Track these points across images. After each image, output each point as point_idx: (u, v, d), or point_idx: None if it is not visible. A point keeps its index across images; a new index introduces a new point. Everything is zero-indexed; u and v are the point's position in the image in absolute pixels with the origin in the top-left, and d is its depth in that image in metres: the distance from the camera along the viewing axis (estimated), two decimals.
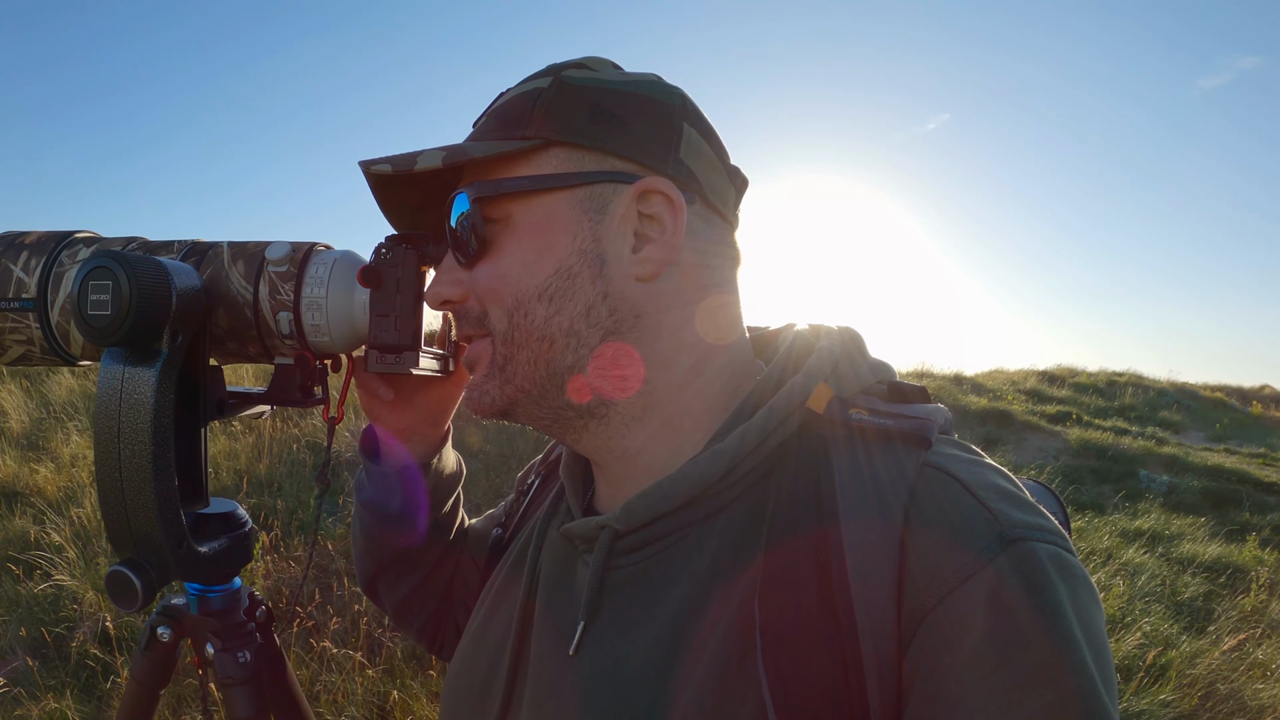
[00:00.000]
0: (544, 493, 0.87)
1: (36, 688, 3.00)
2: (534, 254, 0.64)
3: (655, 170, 0.65)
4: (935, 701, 0.48)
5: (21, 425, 5.70)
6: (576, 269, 0.63)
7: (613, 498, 0.70)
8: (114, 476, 0.70)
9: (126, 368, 0.71)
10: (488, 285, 0.65)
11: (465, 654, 0.77)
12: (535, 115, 0.64)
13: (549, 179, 0.64)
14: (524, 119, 0.65)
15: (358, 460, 5.45)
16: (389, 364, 0.74)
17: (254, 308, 0.77)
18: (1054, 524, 0.53)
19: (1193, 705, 3.59)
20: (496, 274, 0.65)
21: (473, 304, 0.67)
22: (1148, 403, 13.08)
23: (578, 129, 0.64)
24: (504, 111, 0.67)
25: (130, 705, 0.89)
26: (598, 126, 0.64)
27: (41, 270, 0.82)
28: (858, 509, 0.55)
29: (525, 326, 0.64)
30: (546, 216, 0.64)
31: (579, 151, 0.64)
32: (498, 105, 0.68)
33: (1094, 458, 8.79)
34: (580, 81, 0.66)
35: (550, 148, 0.64)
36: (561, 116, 0.64)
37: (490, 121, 0.67)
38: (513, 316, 0.64)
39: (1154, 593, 4.94)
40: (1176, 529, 6.51)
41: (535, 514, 0.84)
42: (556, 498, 0.80)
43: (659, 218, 0.64)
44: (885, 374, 0.69)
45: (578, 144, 0.64)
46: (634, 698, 0.58)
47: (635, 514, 0.63)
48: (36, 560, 3.83)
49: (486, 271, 0.65)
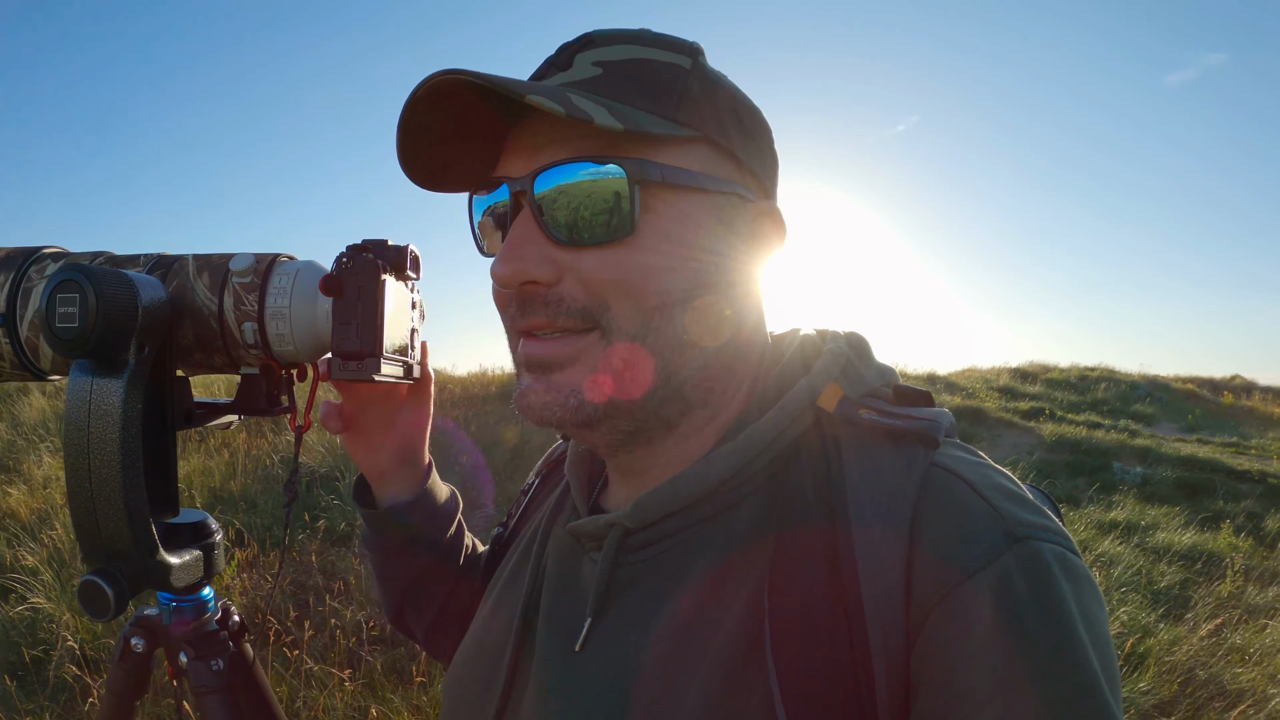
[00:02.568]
0: (544, 491, 0.88)
1: (15, 710, 2.96)
2: (678, 254, 0.60)
3: (766, 192, 0.67)
4: (944, 691, 0.48)
5: None
6: (713, 279, 0.62)
7: (626, 498, 0.69)
8: (84, 487, 0.71)
9: (95, 379, 0.72)
10: (621, 276, 0.59)
11: (468, 651, 0.77)
12: (685, 101, 0.60)
13: (703, 179, 0.61)
14: (672, 98, 0.60)
15: (331, 474, 5.45)
16: (351, 370, 0.75)
17: (219, 318, 0.78)
18: (1058, 525, 0.54)
19: (1172, 692, 3.64)
20: (638, 265, 0.59)
21: (572, 291, 0.60)
22: (1120, 396, 13.26)
23: (727, 133, 0.62)
24: (643, 78, 0.60)
25: (107, 717, 0.89)
26: (740, 135, 0.63)
27: (10, 286, 0.83)
28: (867, 505, 0.55)
29: (666, 332, 0.60)
30: (688, 216, 0.61)
31: (722, 156, 0.63)
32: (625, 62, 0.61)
33: (1068, 452, 8.90)
34: (715, 77, 0.63)
35: (700, 143, 0.62)
36: (713, 113, 0.62)
37: (625, 83, 0.60)
38: (653, 319, 0.60)
39: (1130, 582, 5.00)
40: (1151, 519, 6.61)
41: (536, 512, 0.84)
42: (562, 496, 0.79)
43: (768, 242, 0.66)
44: (890, 378, 0.69)
45: (725, 148, 0.63)
46: (641, 692, 0.58)
47: (646, 512, 0.62)
48: (11, 583, 3.78)
49: (619, 259, 0.59)
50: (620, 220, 0.58)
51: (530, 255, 0.59)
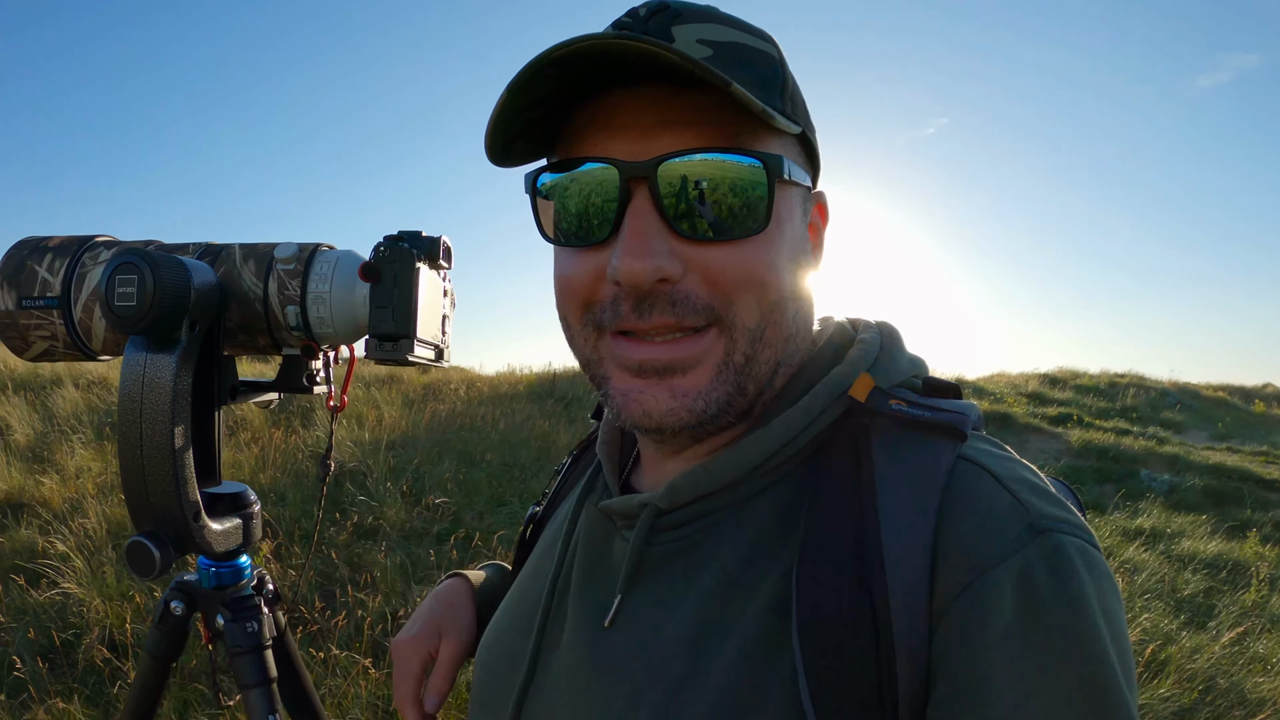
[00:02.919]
0: (576, 470, 0.89)
1: (45, 692, 3.05)
2: (788, 246, 0.60)
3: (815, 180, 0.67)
4: (963, 680, 0.49)
5: (26, 438, 5.76)
6: (804, 266, 0.63)
7: (659, 480, 0.70)
8: (136, 455, 0.76)
9: (149, 354, 0.77)
10: (750, 272, 0.58)
11: (500, 625, 0.78)
12: (784, 91, 0.59)
13: (801, 174, 0.61)
14: (777, 88, 0.59)
15: (359, 470, 5.52)
16: (387, 351, 0.79)
17: (264, 302, 0.83)
18: (1081, 519, 0.55)
19: (1193, 699, 3.60)
20: (766, 261, 0.58)
21: (695, 288, 0.57)
22: (1150, 403, 13.07)
23: (808, 125, 0.62)
24: (752, 64, 0.58)
25: (144, 678, 0.94)
26: (810, 128, 0.63)
27: (65, 271, 0.88)
28: (895, 496, 0.56)
29: (779, 325, 0.60)
30: (792, 210, 0.61)
31: (805, 148, 0.63)
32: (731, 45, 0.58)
33: (1095, 458, 8.79)
34: (787, 65, 0.62)
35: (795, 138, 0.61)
36: (801, 105, 0.61)
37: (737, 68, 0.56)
38: (771, 314, 0.59)
39: (1154, 589, 4.95)
40: (1177, 527, 6.52)
41: (568, 491, 0.86)
42: (594, 474, 0.79)
43: (819, 230, 0.67)
44: (920, 368, 0.70)
45: (810, 141, 0.63)
46: (668, 669, 0.58)
47: (679, 493, 0.63)
48: (43, 569, 3.88)
49: (746, 255, 0.57)
50: (757, 217, 0.56)
51: (659, 250, 0.56)
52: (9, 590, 3.79)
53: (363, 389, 7.55)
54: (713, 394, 0.59)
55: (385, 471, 5.47)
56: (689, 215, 0.55)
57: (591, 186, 0.58)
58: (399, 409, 7.16)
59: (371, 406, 7.08)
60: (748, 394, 0.61)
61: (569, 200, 0.59)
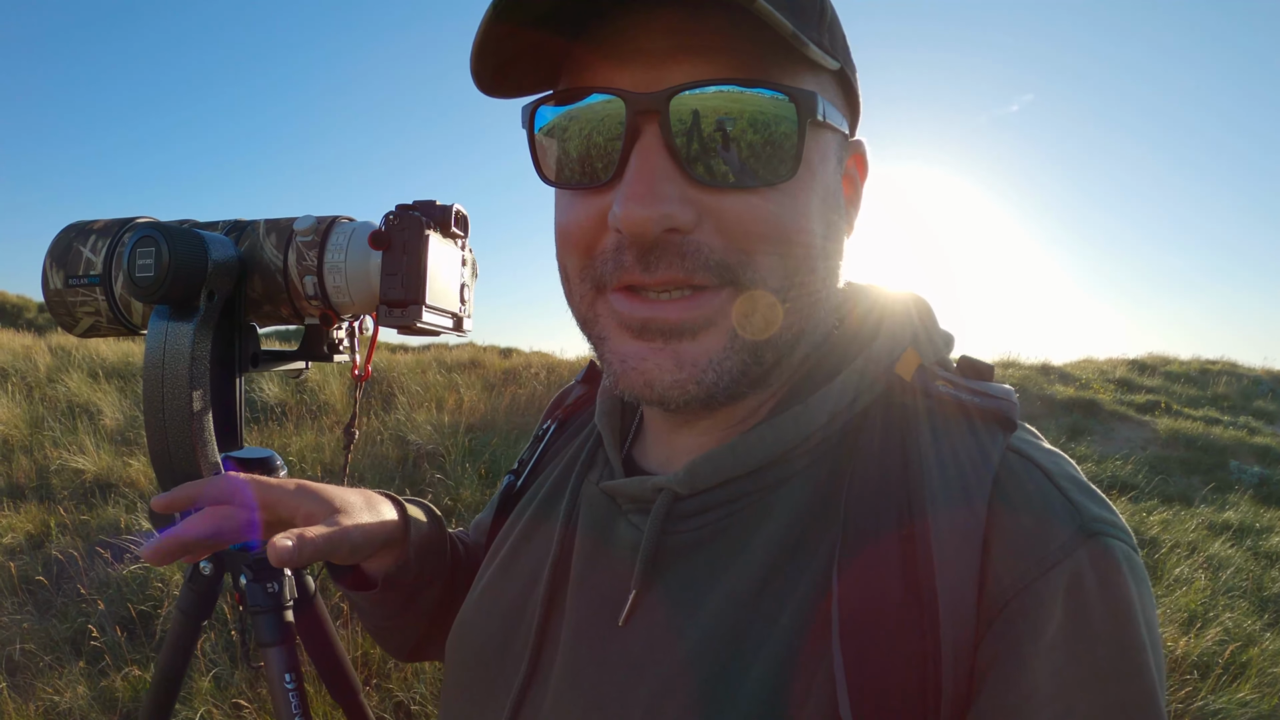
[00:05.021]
0: (561, 439, 0.80)
1: (122, 660, 3.21)
2: (820, 200, 0.53)
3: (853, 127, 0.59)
4: (1010, 689, 0.46)
5: (116, 422, 6.05)
6: (837, 224, 0.57)
7: (669, 457, 0.64)
8: (159, 419, 0.79)
9: (170, 323, 0.80)
10: (770, 226, 0.51)
11: (480, 605, 0.71)
12: (823, 21, 0.52)
13: (839, 118, 0.54)
14: (814, 17, 0.51)
15: (436, 452, 5.63)
16: (396, 318, 0.81)
17: (284, 273, 0.85)
18: (1124, 521, 0.52)
19: (1272, 705, 3.43)
20: (790, 214, 0.51)
21: (710, 240, 0.50)
22: (1242, 392, 12.46)
23: (849, 63, 0.55)
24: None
25: (175, 634, 0.98)
26: (850, 66, 0.56)
27: (107, 250, 0.92)
28: (945, 488, 0.51)
29: (806, 288, 0.54)
30: (825, 157, 0.54)
31: (843, 89, 0.56)
32: None
33: (1183, 448, 8.44)
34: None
35: (833, 75, 0.54)
36: (840, 43, 0.54)
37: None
38: (796, 274, 0.53)
39: (1238, 588, 4.73)
40: (1266, 522, 6.21)
41: (553, 462, 0.78)
42: (593, 449, 0.72)
43: (856, 182, 0.60)
44: (952, 345, 0.65)
45: (849, 81, 0.56)
46: (694, 672, 0.53)
47: (700, 477, 0.57)
48: (127, 544, 4.08)
49: (771, 207, 0.50)
50: (784, 161, 0.49)
51: (669, 195, 0.49)
52: (93, 564, 4.00)
53: (443, 373, 7.70)
54: (725, 363, 0.52)
55: (463, 453, 5.56)
56: (704, 156, 0.49)
57: (594, 123, 0.51)
58: (479, 392, 7.28)
59: (452, 390, 7.21)
60: (765, 364, 0.54)
61: (570, 139, 0.53)
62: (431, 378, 7.49)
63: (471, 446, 5.77)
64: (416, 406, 6.63)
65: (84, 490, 5.01)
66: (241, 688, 2.95)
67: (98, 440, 5.67)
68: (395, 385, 7.19)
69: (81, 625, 3.47)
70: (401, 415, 6.30)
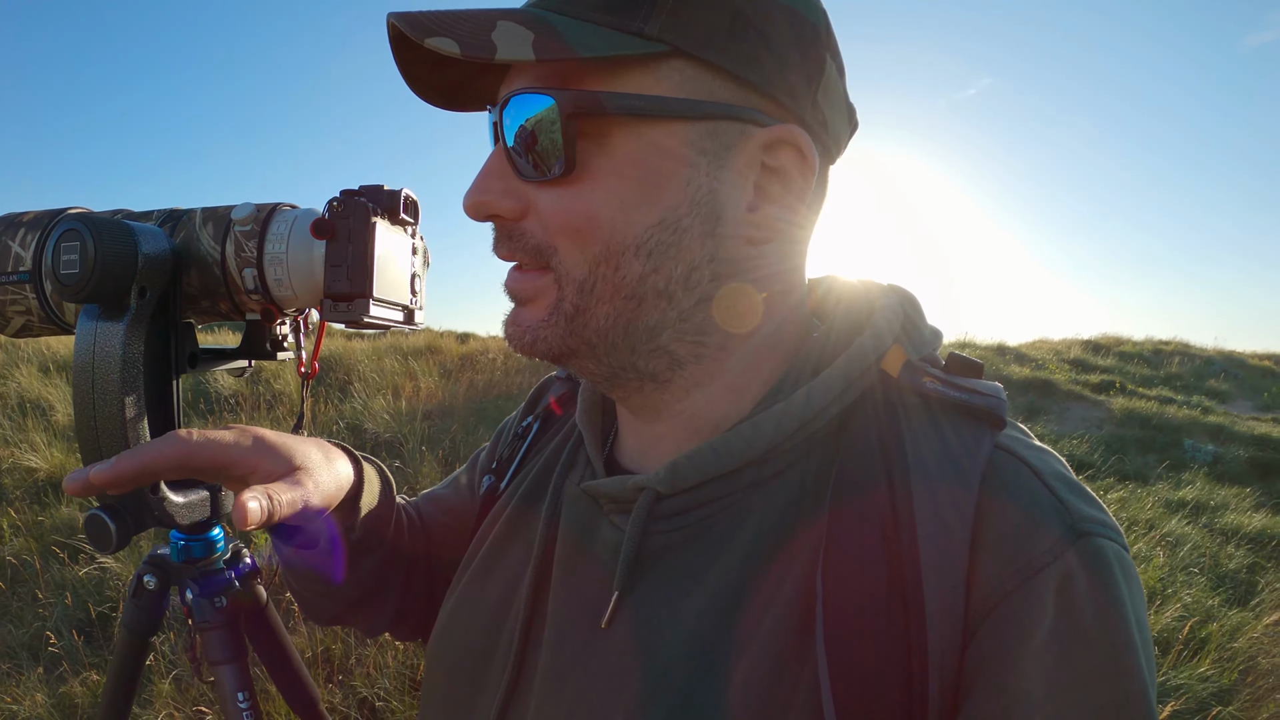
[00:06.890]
0: (545, 438, 0.80)
1: (79, 664, 3.12)
2: (636, 194, 0.53)
3: (790, 112, 0.56)
4: (1000, 692, 0.46)
5: (68, 418, 5.90)
6: (686, 223, 0.54)
7: (645, 454, 0.65)
8: (90, 425, 0.74)
9: (99, 323, 0.75)
10: (566, 219, 0.54)
11: (460, 611, 0.71)
12: (659, 7, 0.51)
13: (672, 104, 0.52)
14: (633, 7, 0.51)
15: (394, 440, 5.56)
16: (342, 312, 0.76)
17: (221, 266, 0.80)
18: (1114, 520, 0.52)
19: (1232, 680, 3.51)
20: (583, 209, 0.54)
21: (532, 229, 0.56)
22: (1194, 371, 12.78)
23: (715, 43, 0.52)
24: None
25: (122, 653, 0.93)
26: (739, 45, 0.52)
27: (36, 244, 0.86)
28: (932, 487, 0.51)
29: (613, 281, 0.55)
30: (655, 149, 0.53)
31: (709, 72, 0.53)
32: None
33: (1138, 427, 8.62)
34: None
35: (674, 58, 0.52)
36: (695, 20, 0.52)
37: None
38: (599, 267, 0.55)
39: (1196, 564, 4.84)
40: (1221, 499, 6.36)
41: (534, 460, 0.78)
42: (574, 448, 0.72)
43: (785, 173, 0.56)
44: (939, 341, 0.64)
45: (711, 63, 0.52)
46: (677, 674, 0.53)
47: (682, 476, 0.57)
48: (81, 545, 3.97)
49: (566, 201, 0.54)
50: (557, 157, 0.53)
51: (493, 187, 0.56)
52: (49, 565, 3.89)
53: (400, 359, 7.62)
54: (543, 332, 0.57)
55: (421, 440, 5.50)
56: (521, 155, 0.55)
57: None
58: (436, 379, 7.21)
59: (408, 377, 7.14)
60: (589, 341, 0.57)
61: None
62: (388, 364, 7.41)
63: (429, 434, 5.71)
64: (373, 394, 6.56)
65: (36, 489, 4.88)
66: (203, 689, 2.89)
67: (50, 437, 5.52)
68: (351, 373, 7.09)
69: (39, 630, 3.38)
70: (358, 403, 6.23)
